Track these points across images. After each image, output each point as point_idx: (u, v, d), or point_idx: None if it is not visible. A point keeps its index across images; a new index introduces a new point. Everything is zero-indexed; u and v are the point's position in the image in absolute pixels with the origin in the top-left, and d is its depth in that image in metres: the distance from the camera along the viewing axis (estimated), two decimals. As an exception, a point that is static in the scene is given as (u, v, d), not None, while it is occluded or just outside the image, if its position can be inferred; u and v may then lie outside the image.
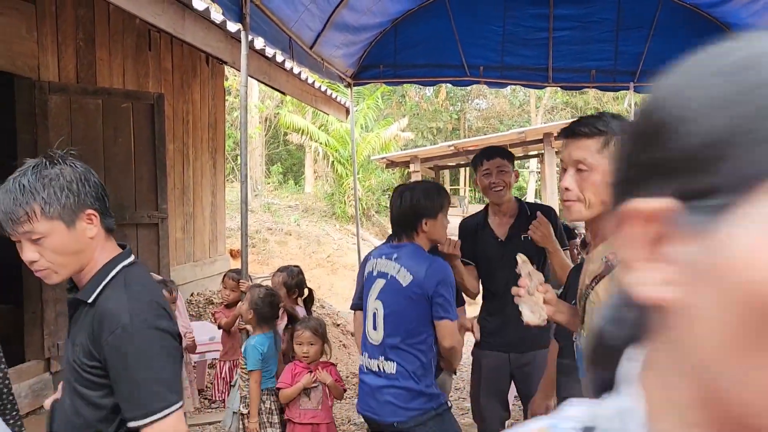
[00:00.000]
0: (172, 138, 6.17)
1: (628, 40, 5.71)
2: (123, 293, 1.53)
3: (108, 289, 1.55)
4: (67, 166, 1.61)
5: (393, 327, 2.53)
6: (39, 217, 1.49)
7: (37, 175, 1.52)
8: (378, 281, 2.56)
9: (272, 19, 4.18)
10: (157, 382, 1.46)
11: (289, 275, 3.84)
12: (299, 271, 3.93)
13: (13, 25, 4.10)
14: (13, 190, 1.49)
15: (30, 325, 4.52)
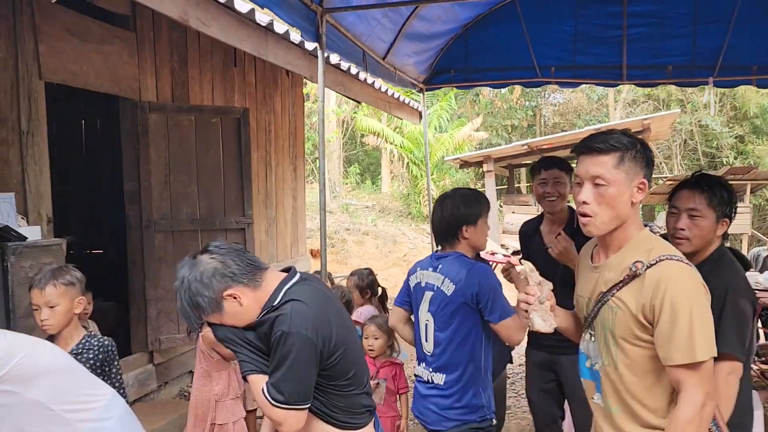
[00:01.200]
0: (256, 147, 6.58)
1: (706, 34, 5.59)
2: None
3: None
4: (209, 262, 1.95)
5: (441, 339, 2.55)
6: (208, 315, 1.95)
7: (193, 287, 1.92)
8: (426, 293, 2.60)
9: (346, 36, 4.45)
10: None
11: (360, 278, 4.09)
12: (369, 272, 4.18)
13: (117, 52, 4.57)
14: (182, 309, 1.96)
15: (135, 321, 5.00)
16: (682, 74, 5.87)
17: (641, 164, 1.76)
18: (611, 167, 1.73)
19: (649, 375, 1.74)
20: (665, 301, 1.65)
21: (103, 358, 2.76)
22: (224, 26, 3.47)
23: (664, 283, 1.65)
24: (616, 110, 18.29)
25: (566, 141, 11.22)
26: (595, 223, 1.77)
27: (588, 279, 1.91)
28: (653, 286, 1.67)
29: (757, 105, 16.30)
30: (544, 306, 1.85)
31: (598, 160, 1.75)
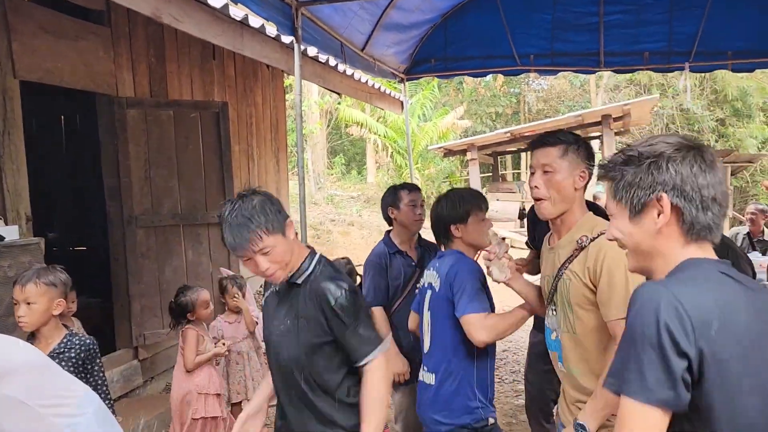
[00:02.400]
0: (238, 140, 6.57)
1: (681, 20, 5.63)
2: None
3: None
4: (255, 196, 1.99)
5: (434, 338, 2.55)
6: (264, 236, 1.92)
7: (249, 207, 1.93)
8: (427, 292, 2.62)
9: (323, 28, 4.44)
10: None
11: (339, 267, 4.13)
12: (347, 261, 4.22)
13: (92, 48, 4.54)
14: (240, 224, 1.90)
15: (119, 317, 5.01)
16: (658, 60, 5.91)
17: (582, 157, 2.07)
18: (557, 157, 2.05)
19: (603, 336, 1.95)
20: (604, 266, 1.90)
21: (84, 357, 2.78)
22: (198, 21, 3.46)
23: (603, 251, 1.91)
24: (597, 96, 18.40)
25: (548, 127, 11.28)
26: (548, 205, 2.09)
27: (548, 260, 2.20)
28: (594, 255, 1.94)
29: (737, 88, 16.46)
30: (501, 261, 2.30)
31: (547, 151, 2.08)
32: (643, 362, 1.20)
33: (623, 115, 10.45)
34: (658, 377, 1.18)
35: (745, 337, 1.24)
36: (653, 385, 1.19)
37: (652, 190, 1.33)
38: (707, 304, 1.23)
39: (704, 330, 1.20)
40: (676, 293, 1.22)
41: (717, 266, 1.33)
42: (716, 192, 1.33)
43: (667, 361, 1.18)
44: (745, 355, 1.23)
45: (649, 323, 1.20)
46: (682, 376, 1.18)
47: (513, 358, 6.09)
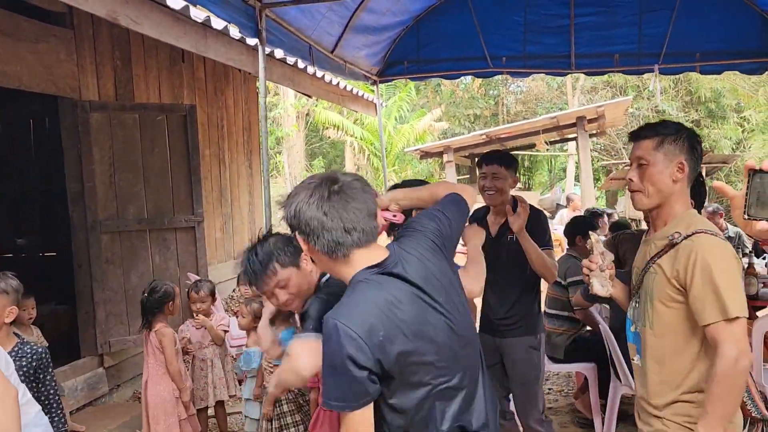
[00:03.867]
0: (208, 144, 6.49)
1: (651, 22, 5.67)
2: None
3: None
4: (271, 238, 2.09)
5: None
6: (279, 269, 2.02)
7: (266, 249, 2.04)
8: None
9: (290, 30, 4.39)
10: None
11: None
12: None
13: (53, 50, 4.45)
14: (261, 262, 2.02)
15: (83, 324, 4.92)
16: (629, 62, 5.95)
17: (682, 148, 1.99)
18: (651, 149, 1.99)
19: (679, 337, 1.92)
20: (696, 267, 1.84)
21: (36, 365, 2.72)
22: (157, 23, 3.40)
23: (695, 251, 1.85)
24: (574, 97, 18.52)
25: (524, 129, 11.33)
26: (642, 197, 2.03)
27: (641, 251, 2.14)
28: (686, 255, 1.87)
29: (710, 90, 16.66)
30: (603, 273, 2.11)
31: (642, 144, 2.02)
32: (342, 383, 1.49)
33: (598, 117, 10.53)
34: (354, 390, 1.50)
35: (409, 326, 1.56)
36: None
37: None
38: (370, 318, 1.50)
39: (373, 340, 1.49)
40: (345, 322, 1.49)
41: (377, 271, 1.60)
42: (323, 219, 1.61)
43: (353, 377, 1.48)
44: (413, 340, 1.56)
45: (336, 353, 1.48)
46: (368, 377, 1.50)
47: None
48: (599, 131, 12.35)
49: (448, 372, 1.64)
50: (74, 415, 4.50)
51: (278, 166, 17.85)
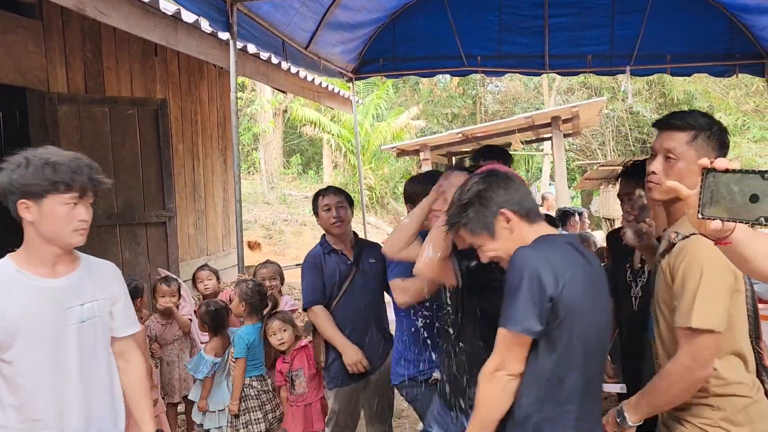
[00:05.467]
0: (182, 138, 6.43)
1: (623, 24, 5.74)
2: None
3: None
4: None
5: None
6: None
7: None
8: None
9: (262, 25, 4.37)
10: None
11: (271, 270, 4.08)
12: (278, 265, 4.21)
13: (21, 41, 4.38)
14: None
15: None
16: (601, 63, 6.03)
17: (714, 145, 1.84)
18: (683, 143, 1.84)
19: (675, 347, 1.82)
20: (682, 268, 1.76)
21: None
22: (126, 15, 3.36)
23: (684, 252, 1.77)
24: (550, 98, 18.71)
25: (500, 129, 11.38)
26: (659, 189, 1.90)
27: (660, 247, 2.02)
28: (676, 254, 1.79)
29: (683, 92, 16.92)
30: (640, 225, 2.31)
31: (673, 135, 1.86)
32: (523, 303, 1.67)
33: (572, 117, 10.62)
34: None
35: (583, 286, 1.74)
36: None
37: (495, 213, 1.86)
38: (562, 261, 1.72)
39: (560, 277, 1.68)
40: (544, 252, 1.72)
41: (562, 238, 1.85)
42: (522, 190, 1.87)
43: (535, 301, 1.67)
44: (582, 299, 1.73)
45: (531, 275, 1.68)
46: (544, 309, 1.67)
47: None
48: (574, 131, 12.47)
49: (589, 346, 1.77)
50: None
51: (255, 162, 17.74)
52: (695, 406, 1.85)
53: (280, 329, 3.41)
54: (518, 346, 1.72)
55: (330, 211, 3.24)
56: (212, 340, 3.71)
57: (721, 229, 1.19)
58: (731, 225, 1.20)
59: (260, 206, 13.62)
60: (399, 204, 16.12)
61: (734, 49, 5.60)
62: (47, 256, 1.90)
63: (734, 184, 1.16)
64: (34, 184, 1.80)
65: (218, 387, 3.75)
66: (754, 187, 1.14)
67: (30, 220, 1.84)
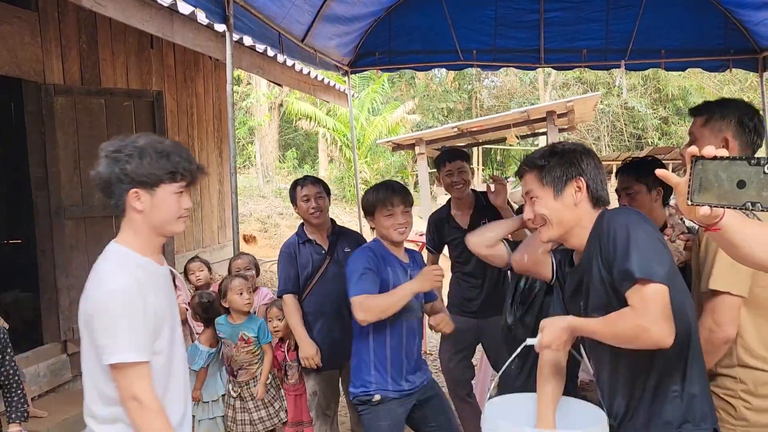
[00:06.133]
0: (178, 131, 6.44)
1: (618, 18, 5.76)
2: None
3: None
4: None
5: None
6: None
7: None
8: None
9: (258, 17, 4.37)
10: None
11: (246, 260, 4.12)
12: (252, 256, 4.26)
13: (17, 33, 4.38)
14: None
15: (46, 311, 4.86)
16: (596, 57, 6.06)
17: (727, 124, 2.02)
18: (699, 126, 2.07)
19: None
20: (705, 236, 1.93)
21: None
22: (122, 6, 3.38)
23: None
24: (546, 93, 18.76)
25: (495, 123, 11.45)
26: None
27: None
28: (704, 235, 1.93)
29: (678, 87, 17.00)
30: (674, 244, 2.34)
31: (694, 120, 2.11)
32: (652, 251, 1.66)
33: (567, 112, 10.69)
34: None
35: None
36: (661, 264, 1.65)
37: (574, 175, 1.82)
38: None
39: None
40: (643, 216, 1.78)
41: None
42: (603, 177, 1.88)
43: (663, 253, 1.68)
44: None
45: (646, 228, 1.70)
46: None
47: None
48: (569, 126, 12.54)
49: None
50: (37, 401, 4.46)
51: (250, 156, 17.74)
52: (719, 377, 1.93)
53: (276, 317, 3.48)
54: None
55: (309, 201, 3.29)
56: (206, 331, 3.74)
57: (709, 215, 1.23)
58: (720, 211, 1.24)
59: (256, 199, 13.63)
60: (394, 198, 16.14)
61: (728, 44, 5.64)
62: (156, 244, 1.95)
63: (722, 171, 1.19)
64: (150, 174, 1.82)
65: (212, 378, 3.78)
66: (740, 173, 1.17)
67: (140, 209, 1.86)
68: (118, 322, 1.75)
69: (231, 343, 3.45)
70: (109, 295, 1.77)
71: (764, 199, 1.15)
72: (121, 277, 1.80)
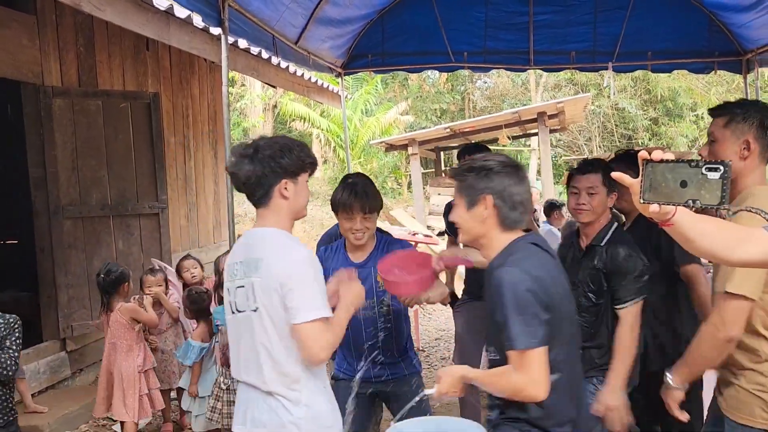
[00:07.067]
0: (173, 132, 6.53)
1: (605, 21, 5.86)
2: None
3: None
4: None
5: None
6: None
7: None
8: None
9: (253, 20, 4.47)
10: None
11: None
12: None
13: (15, 36, 4.47)
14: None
15: (45, 309, 4.95)
16: (584, 59, 6.15)
17: (749, 126, 2.05)
18: (720, 126, 2.08)
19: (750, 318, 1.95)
20: None
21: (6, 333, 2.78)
22: (120, 10, 3.47)
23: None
24: (537, 94, 18.89)
25: (486, 124, 11.56)
26: None
27: None
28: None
29: (667, 89, 17.16)
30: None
31: (715, 121, 2.12)
32: (527, 320, 1.78)
33: (558, 113, 10.81)
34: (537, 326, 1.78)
35: (558, 285, 1.91)
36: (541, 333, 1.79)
37: (482, 192, 1.89)
38: (538, 267, 1.85)
39: (544, 283, 1.82)
40: (524, 269, 1.82)
41: (528, 239, 1.95)
42: (522, 198, 1.92)
43: (536, 313, 1.79)
44: (561, 296, 1.89)
45: (521, 293, 1.79)
46: (547, 320, 1.80)
47: (444, 346, 6.28)
48: (560, 127, 12.66)
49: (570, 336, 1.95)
50: (36, 397, 4.55)
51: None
52: (749, 371, 1.97)
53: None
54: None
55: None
56: (198, 327, 3.84)
57: (659, 211, 1.38)
58: (671, 208, 1.38)
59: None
60: (388, 198, 16.26)
61: (713, 46, 5.75)
62: (291, 227, 2.18)
63: (668, 173, 1.34)
64: (297, 165, 2.07)
65: (206, 373, 3.88)
66: (683, 174, 1.33)
67: (287, 197, 2.08)
68: (312, 284, 1.99)
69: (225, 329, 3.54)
70: (299, 262, 2.00)
71: (702, 197, 1.31)
72: (300, 247, 2.06)
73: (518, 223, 1.94)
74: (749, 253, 1.48)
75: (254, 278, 2.01)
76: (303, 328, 1.94)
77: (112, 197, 5.07)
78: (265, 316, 1.99)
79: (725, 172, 1.29)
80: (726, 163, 1.30)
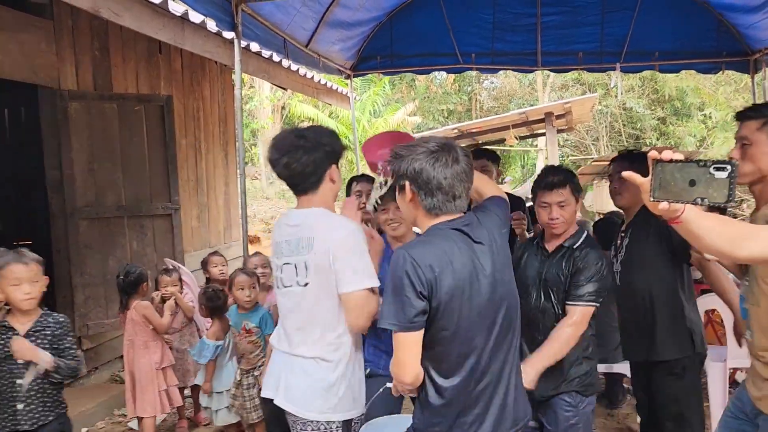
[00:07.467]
0: (185, 134, 6.61)
1: (613, 22, 5.91)
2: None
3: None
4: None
5: None
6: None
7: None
8: None
9: (265, 24, 4.56)
10: None
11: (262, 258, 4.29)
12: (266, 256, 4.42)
13: (34, 40, 4.56)
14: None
15: (62, 308, 5.02)
16: (591, 60, 6.20)
17: None
18: (755, 129, 2.06)
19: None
20: None
21: (60, 334, 2.84)
22: (138, 16, 3.55)
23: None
24: (545, 94, 18.91)
25: (494, 124, 11.58)
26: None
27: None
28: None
29: (675, 89, 17.12)
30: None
31: (747, 124, 2.09)
32: (398, 304, 1.78)
33: (565, 113, 10.83)
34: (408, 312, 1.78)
35: (460, 272, 1.82)
36: (407, 318, 1.78)
37: (401, 179, 1.90)
38: (432, 256, 1.79)
39: (429, 274, 1.77)
40: (410, 253, 1.80)
41: (453, 224, 1.88)
42: (447, 182, 1.85)
43: (408, 300, 1.77)
44: (460, 289, 1.81)
45: (399, 277, 1.78)
46: (422, 308, 1.78)
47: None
48: (567, 127, 12.68)
49: (476, 328, 1.87)
50: (53, 395, 4.62)
51: (254, 158, 17.91)
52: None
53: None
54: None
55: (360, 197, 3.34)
56: (213, 325, 3.91)
57: (668, 209, 1.43)
58: (678, 206, 1.44)
59: (259, 201, 13.80)
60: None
61: (721, 46, 5.78)
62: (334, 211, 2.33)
63: (677, 172, 1.41)
64: (341, 150, 2.26)
65: (222, 369, 3.95)
66: (692, 173, 1.39)
67: (335, 180, 2.26)
68: (363, 255, 2.14)
69: (236, 331, 3.62)
70: (349, 235, 2.14)
71: (710, 195, 1.37)
72: (348, 221, 2.22)
73: (439, 209, 1.88)
74: (754, 250, 1.54)
75: (307, 256, 2.14)
76: (353, 297, 2.09)
77: (126, 199, 5.16)
78: (315, 289, 2.13)
79: (732, 172, 1.35)
80: (733, 163, 1.36)
